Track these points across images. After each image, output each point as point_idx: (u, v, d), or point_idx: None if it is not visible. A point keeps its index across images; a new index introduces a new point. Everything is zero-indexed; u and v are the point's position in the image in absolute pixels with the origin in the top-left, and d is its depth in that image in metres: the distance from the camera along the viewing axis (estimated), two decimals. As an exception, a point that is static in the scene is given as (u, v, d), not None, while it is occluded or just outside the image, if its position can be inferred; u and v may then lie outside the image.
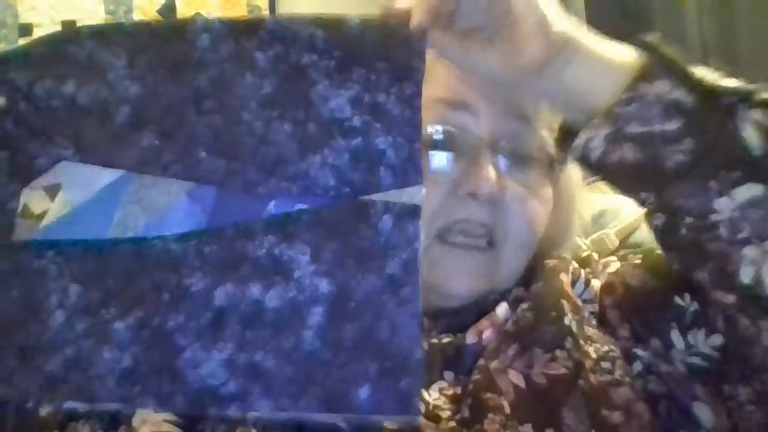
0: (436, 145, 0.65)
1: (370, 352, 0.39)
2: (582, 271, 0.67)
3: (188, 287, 0.40)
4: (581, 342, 0.60)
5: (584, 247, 0.87)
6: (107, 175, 0.41)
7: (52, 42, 0.44)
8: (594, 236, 0.89)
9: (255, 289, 0.39)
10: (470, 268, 0.64)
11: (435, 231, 0.64)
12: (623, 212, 0.91)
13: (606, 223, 0.90)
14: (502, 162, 0.64)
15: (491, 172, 0.62)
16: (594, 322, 0.63)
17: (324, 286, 0.39)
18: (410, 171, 0.40)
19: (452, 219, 0.63)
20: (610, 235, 0.89)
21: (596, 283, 0.66)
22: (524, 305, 0.63)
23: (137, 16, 1.24)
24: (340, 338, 0.39)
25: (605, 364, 0.59)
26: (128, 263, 0.40)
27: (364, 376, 0.38)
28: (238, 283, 0.39)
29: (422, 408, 0.57)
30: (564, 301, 0.63)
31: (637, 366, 0.60)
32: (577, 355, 0.59)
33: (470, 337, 0.62)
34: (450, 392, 0.59)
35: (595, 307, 0.64)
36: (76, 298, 0.40)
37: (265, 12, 1.25)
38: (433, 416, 0.56)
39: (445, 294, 0.65)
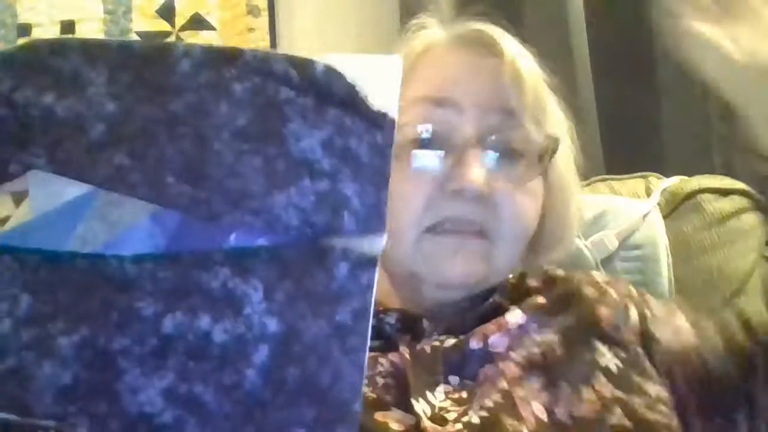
0: (423, 143, 0.65)
1: (309, 398, 0.38)
2: (629, 304, 0.67)
3: (138, 310, 0.39)
4: (634, 377, 0.60)
5: (583, 248, 0.88)
6: (75, 189, 0.40)
7: (38, 51, 0.44)
8: (594, 237, 0.89)
9: (204, 321, 0.39)
10: (464, 251, 0.64)
11: (424, 228, 0.64)
12: (623, 213, 0.91)
13: (606, 223, 0.91)
14: (490, 157, 0.64)
15: (478, 170, 0.62)
16: (647, 362, 0.63)
17: (273, 325, 0.39)
18: (374, 219, 0.40)
19: (441, 216, 0.63)
20: (610, 236, 0.89)
21: (634, 314, 0.66)
22: (554, 337, 0.62)
23: (136, 17, 1.23)
24: (282, 380, 0.38)
25: (662, 408, 0.59)
26: (82, 278, 0.40)
27: (300, 421, 0.38)
28: (188, 312, 0.39)
29: (428, 410, 0.57)
30: (598, 342, 0.62)
31: None
32: (608, 394, 0.58)
33: (474, 342, 0.62)
34: (456, 396, 0.59)
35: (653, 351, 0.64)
36: (25, 308, 0.39)
37: (264, 12, 1.25)
38: (439, 419, 0.56)
39: (442, 282, 0.65)
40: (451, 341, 0.62)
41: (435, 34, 0.72)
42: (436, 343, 0.62)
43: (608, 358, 0.61)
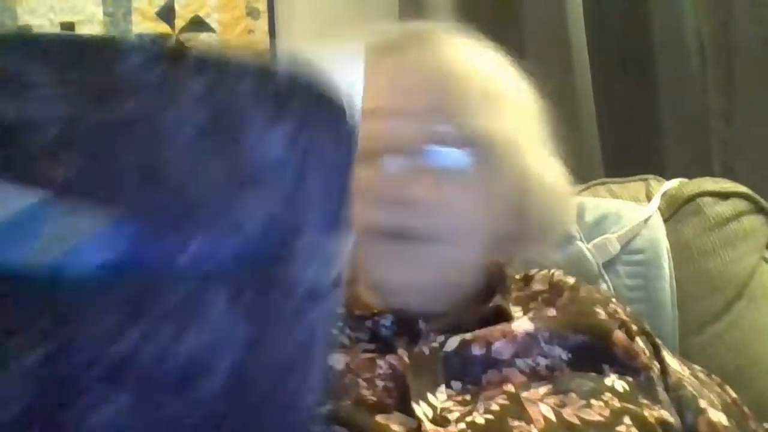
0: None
1: (276, 404, 0.38)
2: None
3: (96, 324, 0.37)
4: (641, 399, 0.59)
5: (586, 251, 0.88)
6: (26, 199, 0.37)
7: None
8: (596, 240, 0.89)
9: (167, 331, 0.37)
10: (402, 259, 0.63)
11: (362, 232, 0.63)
12: (625, 216, 0.91)
13: (607, 227, 0.91)
14: (411, 159, 0.63)
15: (388, 175, 0.62)
16: (660, 388, 0.62)
17: (239, 332, 0.37)
18: (340, 215, 0.39)
19: (368, 223, 0.62)
20: (612, 240, 0.89)
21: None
22: (563, 353, 0.62)
23: (136, 19, 1.24)
24: (249, 387, 0.37)
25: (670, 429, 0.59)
26: (38, 294, 0.37)
27: (269, 427, 0.37)
28: (151, 323, 0.37)
29: (430, 413, 0.56)
30: (606, 365, 0.62)
31: None
32: (617, 404, 0.57)
33: (477, 348, 0.61)
34: (459, 398, 0.58)
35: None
36: None
37: (264, 14, 1.24)
38: (441, 420, 0.56)
39: (390, 289, 0.65)
40: (452, 344, 0.61)
41: (372, 43, 0.69)
42: (435, 345, 0.61)
43: (615, 380, 0.60)
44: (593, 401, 0.57)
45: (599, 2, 1.22)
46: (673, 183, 0.97)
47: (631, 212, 0.92)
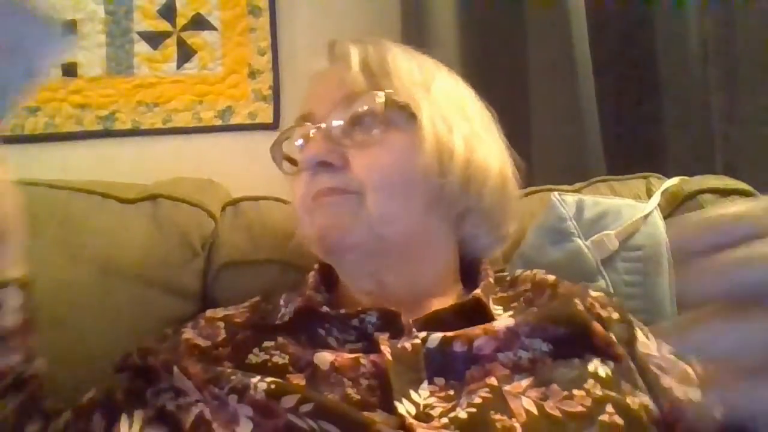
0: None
1: None
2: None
3: None
4: (623, 384, 0.60)
5: (584, 247, 0.88)
6: None
7: None
8: (595, 237, 0.89)
9: None
10: (333, 207, 0.69)
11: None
12: (624, 214, 0.91)
13: (607, 224, 0.91)
14: (335, 130, 0.70)
15: (312, 144, 0.70)
16: (638, 376, 0.63)
17: None
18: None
19: (313, 191, 0.70)
20: (611, 236, 0.89)
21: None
22: (544, 347, 0.63)
23: (137, 17, 1.23)
24: None
25: (650, 415, 0.59)
26: None
27: None
28: None
29: (413, 410, 0.57)
30: (588, 353, 0.63)
31: None
32: (599, 392, 0.58)
33: (458, 345, 0.63)
34: (442, 394, 0.60)
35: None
36: None
37: (265, 12, 1.25)
38: (424, 416, 0.57)
39: (322, 236, 0.70)
40: (434, 341, 0.63)
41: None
42: (417, 341, 0.63)
43: (598, 365, 0.62)
44: (575, 391, 0.58)
45: (602, 1, 1.22)
46: (674, 180, 0.98)
47: (631, 209, 0.92)
